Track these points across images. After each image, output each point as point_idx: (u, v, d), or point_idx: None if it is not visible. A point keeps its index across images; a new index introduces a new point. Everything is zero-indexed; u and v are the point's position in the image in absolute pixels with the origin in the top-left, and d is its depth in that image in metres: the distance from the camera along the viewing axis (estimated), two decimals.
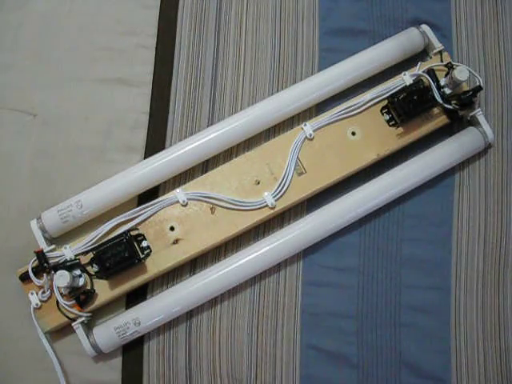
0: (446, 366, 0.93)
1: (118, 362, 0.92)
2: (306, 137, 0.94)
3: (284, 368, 0.92)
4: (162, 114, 1.01)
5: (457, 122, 0.99)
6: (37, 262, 0.88)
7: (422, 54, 1.02)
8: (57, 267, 0.86)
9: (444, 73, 0.96)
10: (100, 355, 0.90)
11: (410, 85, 0.94)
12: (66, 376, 0.90)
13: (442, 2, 1.05)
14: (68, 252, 0.88)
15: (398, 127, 0.95)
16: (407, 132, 0.95)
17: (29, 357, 0.91)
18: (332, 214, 0.93)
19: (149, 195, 0.95)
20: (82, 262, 0.88)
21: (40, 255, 0.88)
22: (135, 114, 1.01)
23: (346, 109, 0.95)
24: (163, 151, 0.95)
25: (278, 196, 0.92)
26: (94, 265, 0.87)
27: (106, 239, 0.88)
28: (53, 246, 0.90)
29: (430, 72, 0.95)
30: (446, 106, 0.94)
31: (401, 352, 0.93)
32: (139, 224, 0.91)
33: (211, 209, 0.92)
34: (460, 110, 0.95)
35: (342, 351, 0.93)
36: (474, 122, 0.98)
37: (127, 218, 0.91)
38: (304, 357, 0.93)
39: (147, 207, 0.91)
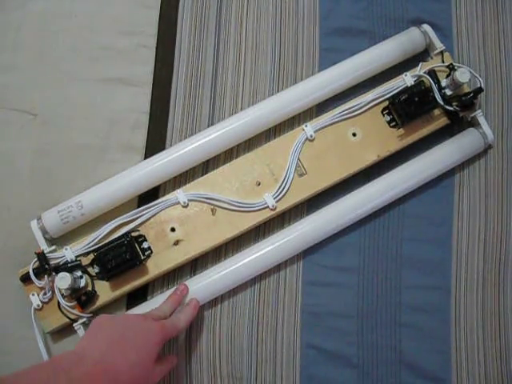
0: (446, 366, 0.93)
1: None
2: (307, 138, 0.94)
3: (284, 368, 0.92)
4: (162, 114, 1.01)
5: (457, 123, 0.99)
6: (38, 263, 0.88)
7: (423, 54, 1.02)
8: (58, 268, 0.86)
9: (445, 73, 0.96)
10: None
11: (411, 86, 0.94)
12: None
13: (443, 2, 1.05)
14: (69, 253, 0.88)
15: (398, 128, 0.95)
16: (408, 133, 0.95)
17: (30, 357, 0.90)
18: (332, 214, 0.93)
19: (149, 196, 0.95)
20: (83, 263, 0.88)
21: (40, 256, 0.88)
22: (135, 114, 1.00)
23: (347, 110, 0.95)
24: (163, 151, 0.95)
25: (278, 197, 0.92)
26: (95, 266, 0.87)
27: (106, 240, 0.88)
28: (53, 247, 0.90)
29: (431, 73, 0.95)
30: (446, 107, 0.94)
31: (401, 352, 0.93)
32: (140, 225, 0.91)
33: (212, 210, 0.92)
34: (460, 112, 0.95)
35: (342, 351, 0.93)
36: (474, 123, 0.98)
37: (128, 219, 0.91)
38: (304, 357, 0.93)
39: (148, 208, 0.91)
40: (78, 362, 0.69)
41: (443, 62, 0.97)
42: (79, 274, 0.88)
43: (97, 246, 0.88)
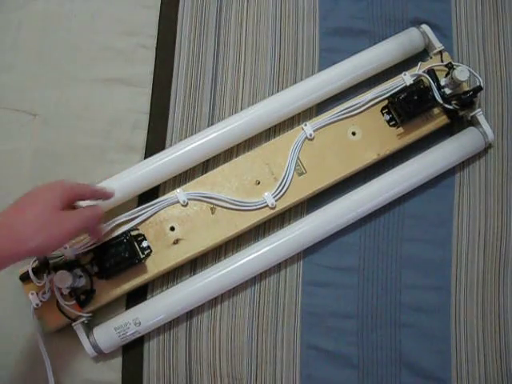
0: (446, 366, 0.93)
1: (117, 361, 0.92)
2: (307, 137, 0.94)
3: (284, 368, 0.92)
4: (162, 114, 1.01)
5: (457, 122, 0.99)
6: (37, 262, 0.88)
7: (423, 54, 1.02)
8: (57, 267, 0.86)
9: (444, 73, 0.96)
10: (100, 355, 0.89)
11: (411, 85, 0.94)
12: (66, 376, 0.90)
13: (442, 2, 1.05)
14: (68, 252, 0.88)
15: (398, 127, 0.95)
16: (407, 132, 0.95)
17: (29, 356, 0.90)
18: (332, 214, 0.93)
19: (149, 195, 0.95)
20: (82, 262, 0.88)
21: (40, 255, 0.88)
22: (135, 114, 1.00)
23: (347, 109, 0.95)
24: (163, 151, 0.95)
25: (278, 196, 0.92)
26: (95, 265, 0.87)
27: (106, 239, 0.88)
28: None
29: (431, 72, 0.95)
30: (446, 106, 0.94)
31: (401, 352, 0.93)
32: (139, 224, 0.91)
33: (211, 209, 0.92)
34: (460, 110, 0.95)
35: (342, 351, 0.93)
36: (474, 122, 0.98)
37: (127, 218, 0.90)
38: (304, 357, 0.92)
39: (147, 207, 0.91)
40: None
41: (442, 61, 0.97)
42: (78, 272, 0.87)
43: (96, 245, 0.88)
